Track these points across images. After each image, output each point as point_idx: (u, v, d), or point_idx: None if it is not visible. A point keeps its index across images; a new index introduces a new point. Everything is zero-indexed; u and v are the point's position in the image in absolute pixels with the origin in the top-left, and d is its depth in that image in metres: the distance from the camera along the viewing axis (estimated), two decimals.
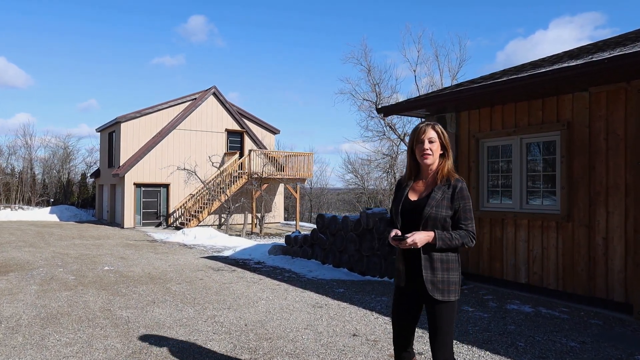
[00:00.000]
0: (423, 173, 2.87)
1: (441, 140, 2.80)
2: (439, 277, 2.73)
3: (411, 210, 2.79)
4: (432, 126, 2.81)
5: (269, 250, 11.44)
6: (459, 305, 6.25)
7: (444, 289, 2.73)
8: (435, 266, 2.73)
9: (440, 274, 2.73)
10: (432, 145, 2.78)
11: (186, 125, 22.36)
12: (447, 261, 2.76)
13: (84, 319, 5.47)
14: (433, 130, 2.80)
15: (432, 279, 2.72)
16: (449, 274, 2.75)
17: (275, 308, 6.05)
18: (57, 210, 26.04)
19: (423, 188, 2.84)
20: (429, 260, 2.74)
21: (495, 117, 7.25)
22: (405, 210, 2.82)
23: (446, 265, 2.75)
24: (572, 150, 6.26)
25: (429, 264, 2.73)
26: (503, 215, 7.06)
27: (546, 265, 6.52)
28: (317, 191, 43.65)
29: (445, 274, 2.74)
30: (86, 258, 10.55)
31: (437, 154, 2.80)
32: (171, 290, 7.08)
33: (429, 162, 2.79)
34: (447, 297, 2.73)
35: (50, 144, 39.02)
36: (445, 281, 2.73)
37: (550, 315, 5.72)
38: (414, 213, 2.77)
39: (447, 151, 2.84)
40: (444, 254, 2.76)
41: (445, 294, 2.73)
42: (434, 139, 2.79)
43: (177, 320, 5.48)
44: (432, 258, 2.74)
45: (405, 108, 7.99)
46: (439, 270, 2.73)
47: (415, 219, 2.76)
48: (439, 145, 2.80)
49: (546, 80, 5.75)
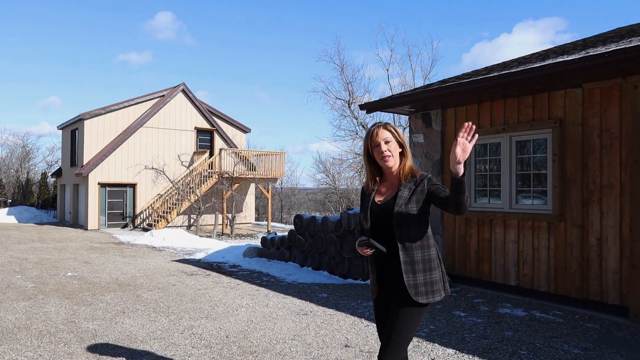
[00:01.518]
0: (386, 176, 2.74)
1: (396, 138, 2.67)
2: (421, 279, 2.56)
3: (380, 213, 2.64)
4: (384, 126, 2.68)
5: (244, 252, 10.99)
6: (450, 308, 5.99)
7: (428, 290, 2.57)
8: (416, 268, 2.56)
9: (422, 275, 2.57)
10: (389, 145, 2.64)
11: (154, 123, 21.56)
12: (426, 260, 2.59)
13: (44, 334, 4.92)
14: (386, 130, 2.66)
15: (414, 283, 2.55)
16: (432, 274, 2.59)
17: (257, 316, 5.64)
18: (15, 211, 24.72)
19: (388, 189, 2.71)
20: (410, 263, 2.56)
21: (483, 114, 7.03)
22: (374, 214, 2.66)
23: (427, 265, 2.59)
24: (564, 148, 6.08)
25: (410, 268, 2.56)
26: (492, 215, 6.84)
27: (537, 267, 6.33)
28: (287, 191, 43.19)
29: (427, 274, 2.58)
30: (47, 263, 9.85)
31: (396, 153, 2.66)
32: (142, 298, 6.57)
33: (391, 164, 2.65)
34: (432, 299, 2.57)
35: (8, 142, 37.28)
36: (428, 282, 2.57)
37: (545, 320, 5.50)
38: (383, 215, 2.62)
39: (405, 149, 2.69)
40: (424, 253, 2.58)
41: (430, 295, 2.57)
42: (389, 139, 2.65)
43: (150, 332, 5.00)
44: (412, 260, 2.56)
45: (389, 105, 7.70)
46: (421, 272, 2.57)
47: (385, 221, 2.61)
48: (396, 144, 2.66)
49: (540, 76, 5.54)
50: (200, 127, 22.70)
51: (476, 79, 6.31)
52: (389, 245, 2.58)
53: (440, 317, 5.64)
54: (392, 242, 2.57)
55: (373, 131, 2.66)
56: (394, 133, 2.66)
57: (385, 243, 2.58)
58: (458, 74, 8.53)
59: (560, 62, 5.34)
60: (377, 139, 2.63)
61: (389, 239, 2.58)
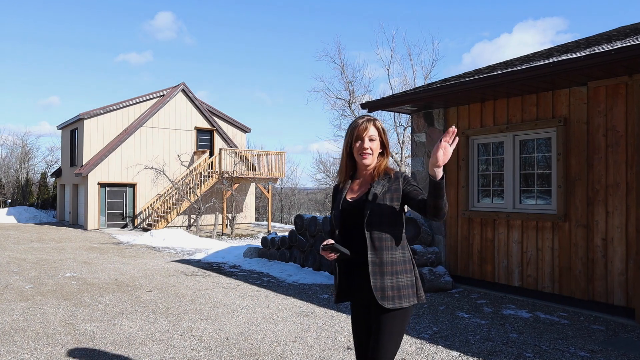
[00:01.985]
0: (359, 173, 2.60)
1: (381, 138, 2.54)
2: (389, 283, 2.39)
3: (351, 210, 2.50)
4: (373, 122, 2.53)
5: (244, 252, 10.91)
6: (453, 310, 5.91)
7: (394, 295, 2.39)
8: (384, 270, 2.40)
9: (390, 278, 2.40)
10: (372, 143, 2.50)
11: (154, 123, 21.48)
12: (396, 263, 2.43)
13: (42, 335, 4.84)
14: (374, 127, 2.52)
15: (381, 286, 2.38)
16: (400, 277, 2.42)
17: (257, 318, 5.56)
18: (14, 211, 24.64)
19: (361, 187, 2.57)
20: (379, 265, 2.40)
21: (486, 113, 6.95)
22: (345, 212, 2.52)
23: (397, 268, 2.42)
24: (569, 147, 6.00)
25: (377, 269, 2.40)
26: (495, 215, 6.76)
27: (541, 268, 6.25)
28: (287, 191, 43.10)
29: (395, 277, 2.41)
30: (46, 263, 9.77)
31: (376, 153, 2.53)
32: (141, 299, 6.49)
33: (368, 163, 2.51)
34: (399, 304, 2.38)
35: (8, 142, 37.22)
36: (395, 286, 2.40)
37: (549, 321, 5.42)
38: (355, 212, 2.47)
39: (386, 150, 2.58)
40: (395, 255, 2.43)
41: (397, 300, 2.38)
42: (375, 137, 2.51)
43: (149, 334, 4.92)
44: (381, 261, 2.40)
45: (391, 103, 7.62)
46: (389, 275, 2.40)
47: (357, 219, 2.45)
48: (379, 144, 2.53)
49: (546, 74, 5.45)
50: (200, 126, 22.62)
51: (479, 77, 6.23)
52: (360, 245, 2.44)
53: (444, 318, 5.56)
54: (363, 241, 2.43)
55: (360, 125, 2.50)
56: (381, 132, 2.53)
57: (357, 243, 2.45)
58: (460, 73, 8.46)
59: (566, 60, 5.26)
60: (363, 134, 2.48)
61: (360, 239, 2.44)
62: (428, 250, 7.35)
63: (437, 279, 7.07)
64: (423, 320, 5.49)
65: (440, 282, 7.06)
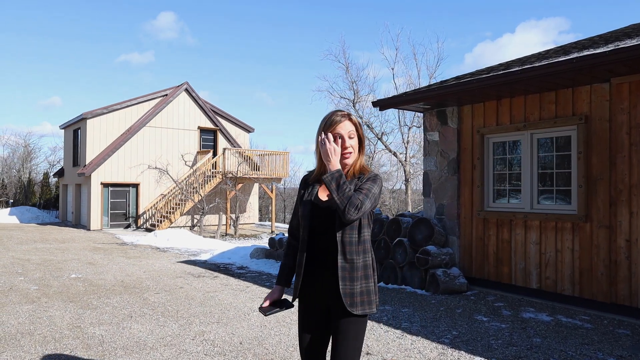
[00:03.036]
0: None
1: (358, 133, 2.34)
2: (358, 288, 2.23)
3: (323, 210, 2.30)
4: (349, 117, 2.33)
5: (251, 253, 10.75)
6: (470, 312, 5.74)
7: (364, 300, 2.24)
8: (354, 275, 2.23)
9: (359, 283, 2.24)
10: (352, 141, 2.31)
11: (157, 123, 21.32)
12: (365, 267, 2.28)
13: (49, 339, 4.68)
14: (351, 123, 2.32)
15: (350, 292, 2.21)
16: (368, 283, 2.27)
17: (270, 321, 5.39)
18: (17, 211, 24.50)
19: None
20: (349, 270, 2.22)
21: (503, 111, 6.78)
22: (317, 211, 2.32)
23: (367, 272, 2.28)
24: (590, 145, 5.83)
25: (347, 274, 2.22)
26: (511, 216, 6.59)
27: (560, 270, 6.08)
28: (290, 191, 42.95)
29: (364, 282, 2.26)
30: (50, 264, 9.61)
31: (356, 149, 2.33)
32: (149, 301, 6.33)
33: (350, 162, 2.32)
34: (368, 310, 2.25)
35: (10, 142, 37.09)
36: (364, 291, 2.25)
37: (572, 325, 5.26)
38: (326, 212, 2.28)
39: (362, 145, 2.38)
40: (362, 257, 2.26)
41: (366, 306, 2.25)
42: (353, 134, 2.32)
43: (160, 338, 4.76)
44: (351, 266, 2.23)
45: (404, 101, 7.45)
46: (359, 280, 2.24)
47: (326, 219, 2.28)
48: (357, 140, 2.34)
49: (568, 70, 5.28)
50: (203, 126, 22.47)
51: (497, 74, 6.06)
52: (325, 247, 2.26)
53: (462, 322, 5.39)
54: (333, 244, 2.25)
55: (337, 121, 2.29)
56: (358, 127, 2.35)
57: (322, 244, 2.28)
58: (471, 71, 8.28)
59: (590, 56, 5.09)
60: (340, 131, 2.28)
61: (326, 240, 2.27)
62: (442, 251, 7.18)
63: (451, 281, 6.90)
64: (441, 323, 5.32)
65: (454, 284, 6.89)
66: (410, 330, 5.08)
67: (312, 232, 2.32)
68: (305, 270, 2.34)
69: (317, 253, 2.32)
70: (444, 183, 7.53)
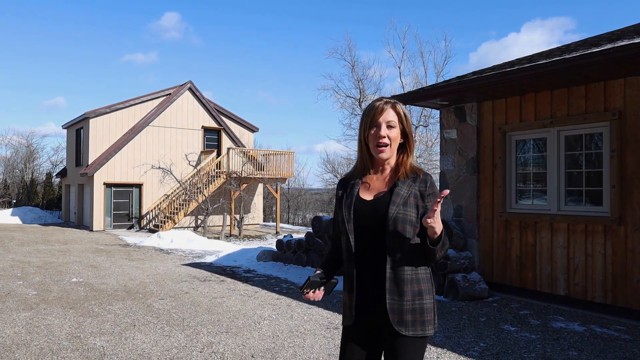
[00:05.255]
0: (377, 168, 2.08)
1: (403, 125, 2.02)
2: (409, 305, 1.93)
3: (368, 213, 1.99)
4: (393, 105, 2.01)
5: (258, 256, 10.40)
6: (496, 322, 5.38)
7: (416, 319, 1.93)
8: (404, 289, 1.92)
9: (410, 299, 1.93)
10: (390, 131, 1.98)
11: (160, 122, 21.00)
12: (419, 280, 1.96)
13: (46, 352, 4.34)
14: (393, 111, 2.00)
15: (399, 308, 1.92)
16: (423, 299, 1.96)
17: (282, 331, 5.04)
18: (19, 212, 24.23)
19: (380, 184, 2.05)
20: (396, 282, 1.92)
21: (526, 107, 6.41)
22: (360, 215, 2.00)
23: (417, 287, 1.95)
24: (624, 143, 5.46)
25: (395, 287, 1.92)
26: (536, 218, 6.22)
27: (591, 276, 5.71)
28: (294, 191, 42.62)
29: (417, 299, 1.94)
30: (51, 267, 9.28)
31: (396, 144, 2.02)
32: (153, 308, 5.98)
33: (385, 156, 2.01)
34: (420, 332, 1.93)
35: (13, 142, 36.85)
36: (417, 309, 1.94)
37: (608, 336, 4.88)
38: (373, 216, 1.97)
39: (409, 141, 2.05)
40: (415, 270, 1.96)
41: (418, 327, 1.93)
42: (394, 124, 1.99)
43: (165, 350, 4.41)
44: (400, 278, 1.93)
45: (421, 97, 7.09)
46: (409, 295, 1.93)
47: (374, 224, 1.96)
48: (399, 133, 2.02)
49: (603, 61, 4.92)
50: (207, 126, 22.14)
51: (524, 67, 5.69)
52: (377, 256, 1.95)
53: (488, 332, 5.03)
54: (381, 252, 1.95)
55: (377, 107, 1.99)
56: (402, 117, 2.01)
57: (370, 252, 1.97)
58: (479, 69, 7.91)
59: (630, 45, 4.72)
60: (378, 118, 1.98)
61: (374, 248, 1.96)
62: (461, 255, 6.81)
63: (471, 287, 6.53)
64: (466, 334, 4.96)
65: (475, 290, 6.52)
66: (434, 341, 4.71)
67: (357, 239, 1.99)
68: (359, 283, 2.00)
69: (364, 262, 1.98)
70: (462, 183, 7.16)
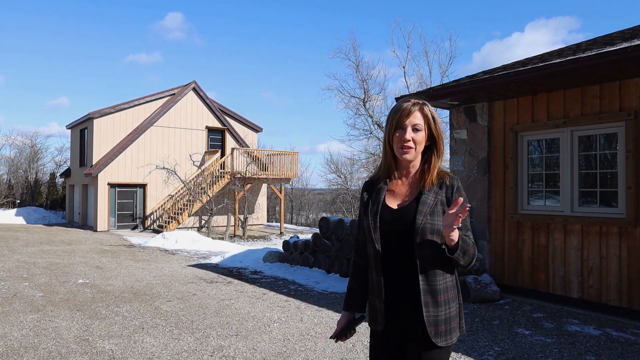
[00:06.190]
0: (401, 172, 2.00)
1: (431, 128, 1.93)
2: (443, 315, 1.87)
3: (395, 221, 1.90)
4: (421, 107, 1.92)
5: (264, 257, 10.32)
6: (510, 325, 5.29)
7: (447, 329, 1.88)
8: (438, 299, 1.86)
9: (444, 309, 1.88)
10: (416, 135, 1.89)
11: (164, 122, 20.96)
12: (447, 289, 1.91)
13: (55, 355, 4.28)
14: (421, 114, 1.91)
15: (435, 320, 1.85)
16: (451, 307, 1.91)
17: (293, 334, 4.97)
18: (23, 212, 24.23)
19: (405, 189, 1.97)
20: (431, 294, 1.86)
21: (539, 107, 6.32)
22: (386, 223, 1.91)
23: (449, 295, 1.91)
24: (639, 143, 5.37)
25: (431, 299, 1.85)
26: (549, 219, 6.13)
27: (606, 278, 5.61)
28: (297, 192, 42.56)
29: (447, 307, 1.89)
30: (56, 268, 9.23)
31: (421, 147, 1.93)
32: (161, 311, 5.92)
33: (410, 158, 1.92)
34: (450, 340, 1.89)
35: (17, 142, 36.88)
36: (448, 318, 1.89)
37: (625, 340, 4.79)
38: (400, 224, 1.89)
39: (438, 144, 1.96)
40: (444, 278, 1.89)
41: (448, 335, 1.89)
42: (421, 127, 1.90)
43: (175, 353, 4.34)
44: (434, 289, 1.86)
45: (430, 96, 6.99)
46: (443, 305, 1.87)
47: (401, 232, 1.88)
48: (426, 136, 1.93)
49: (621, 60, 4.83)
50: (211, 126, 22.10)
51: (537, 66, 5.61)
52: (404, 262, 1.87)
53: (502, 335, 4.94)
54: (410, 262, 1.87)
55: (404, 109, 1.89)
56: (430, 120, 1.92)
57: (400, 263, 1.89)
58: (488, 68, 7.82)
59: None
60: (405, 121, 1.88)
61: (403, 255, 1.88)
62: None
63: (482, 289, 6.45)
64: (480, 337, 4.88)
65: (486, 292, 6.44)
66: None
67: (384, 246, 1.91)
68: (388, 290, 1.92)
69: (391, 268, 1.90)
70: (473, 184, 7.08)
